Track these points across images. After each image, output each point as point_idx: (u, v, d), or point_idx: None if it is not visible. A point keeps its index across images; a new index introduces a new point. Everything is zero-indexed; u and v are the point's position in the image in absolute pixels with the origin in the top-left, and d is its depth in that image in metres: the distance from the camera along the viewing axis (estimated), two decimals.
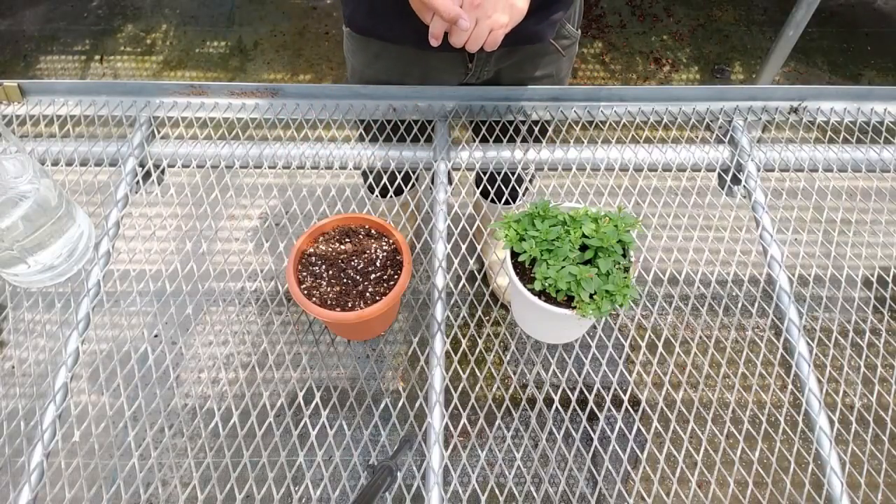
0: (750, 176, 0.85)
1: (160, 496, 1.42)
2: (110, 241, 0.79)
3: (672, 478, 0.69)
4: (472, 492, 0.68)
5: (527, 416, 1.53)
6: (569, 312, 0.62)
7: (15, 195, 0.64)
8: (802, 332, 0.74)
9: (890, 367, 0.80)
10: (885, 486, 0.69)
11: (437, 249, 0.78)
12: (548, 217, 0.65)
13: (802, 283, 0.81)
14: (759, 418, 0.72)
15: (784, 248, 0.79)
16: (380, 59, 0.95)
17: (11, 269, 0.70)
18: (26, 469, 0.65)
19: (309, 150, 0.87)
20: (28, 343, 0.77)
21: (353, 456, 0.76)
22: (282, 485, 0.69)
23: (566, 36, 0.97)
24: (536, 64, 0.99)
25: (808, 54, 2.32)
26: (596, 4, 2.50)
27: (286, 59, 2.33)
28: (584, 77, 2.29)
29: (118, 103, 0.91)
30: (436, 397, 0.69)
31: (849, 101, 0.92)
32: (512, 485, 1.46)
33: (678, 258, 0.82)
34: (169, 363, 0.73)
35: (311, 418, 0.70)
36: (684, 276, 0.81)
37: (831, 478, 0.66)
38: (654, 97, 0.91)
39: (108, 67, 2.32)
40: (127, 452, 0.70)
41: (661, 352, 0.79)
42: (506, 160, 0.87)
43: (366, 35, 0.95)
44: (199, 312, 1.65)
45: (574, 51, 1.03)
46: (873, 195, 0.88)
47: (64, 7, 2.50)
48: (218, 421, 0.73)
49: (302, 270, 0.70)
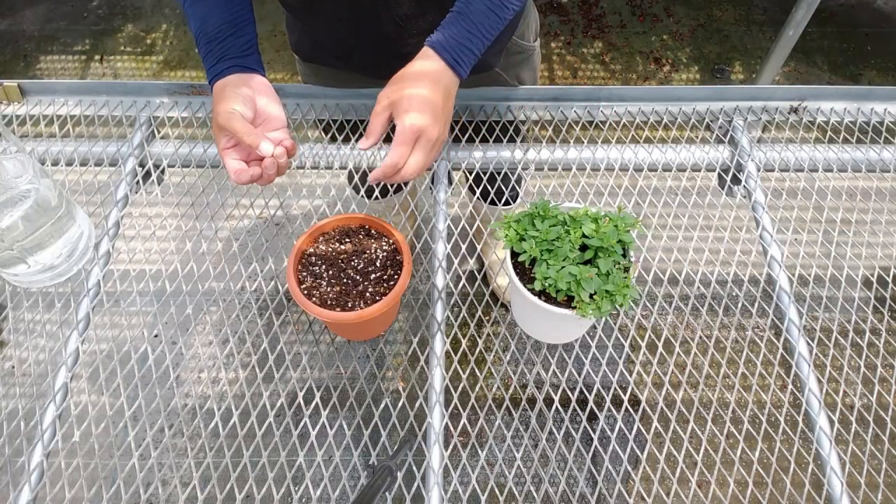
0: (750, 176, 0.85)
1: (160, 496, 1.42)
2: (110, 241, 0.79)
3: (672, 478, 0.69)
4: (472, 492, 0.68)
5: (527, 416, 1.53)
6: (569, 312, 0.62)
7: (15, 195, 0.64)
8: (802, 332, 0.74)
9: (890, 367, 0.80)
10: (885, 486, 0.69)
11: (437, 249, 0.78)
12: (548, 217, 0.65)
13: (802, 283, 0.81)
14: (759, 418, 0.72)
15: (784, 248, 0.79)
16: (329, 83, 0.93)
17: (11, 269, 0.70)
18: (26, 469, 0.65)
19: (309, 150, 0.87)
20: (28, 343, 0.77)
21: (353, 456, 0.76)
22: (282, 485, 0.69)
23: (520, 51, 0.96)
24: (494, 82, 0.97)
25: (808, 54, 2.32)
26: (596, 4, 2.50)
27: (286, 58, 2.33)
28: (584, 77, 2.29)
29: (118, 103, 0.91)
30: (436, 397, 0.69)
31: (849, 101, 0.92)
32: (512, 485, 1.46)
33: (678, 258, 0.82)
34: (169, 363, 0.73)
35: (311, 418, 0.70)
36: (684, 276, 0.81)
37: (831, 478, 0.66)
38: (654, 97, 0.91)
39: (108, 67, 2.32)
40: (127, 452, 0.70)
41: (661, 352, 0.79)
42: (506, 160, 0.87)
43: (313, 63, 0.96)
44: (199, 312, 1.66)
45: (533, 62, 1.01)
46: (873, 195, 0.88)
47: (64, 7, 2.50)
48: (218, 421, 0.73)
49: (302, 270, 0.70)
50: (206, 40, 0.69)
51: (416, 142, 0.65)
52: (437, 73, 0.67)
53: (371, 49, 0.84)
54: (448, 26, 0.68)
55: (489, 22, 0.68)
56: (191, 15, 0.70)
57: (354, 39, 0.82)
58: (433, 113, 0.65)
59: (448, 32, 0.68)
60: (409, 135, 0.64)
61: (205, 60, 0.70)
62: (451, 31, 0.68)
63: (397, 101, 0.65)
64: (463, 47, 0.67)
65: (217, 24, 0.68)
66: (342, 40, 0.84)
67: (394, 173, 0.65)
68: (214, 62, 0.69)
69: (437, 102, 0.66)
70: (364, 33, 0.81)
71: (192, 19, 0.70)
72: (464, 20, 0.67)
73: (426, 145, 0.66)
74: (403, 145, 0.64)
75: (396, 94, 0.66)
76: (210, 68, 0.69)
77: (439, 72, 0.67)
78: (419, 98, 0.65)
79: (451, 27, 0.68)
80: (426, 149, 0.66)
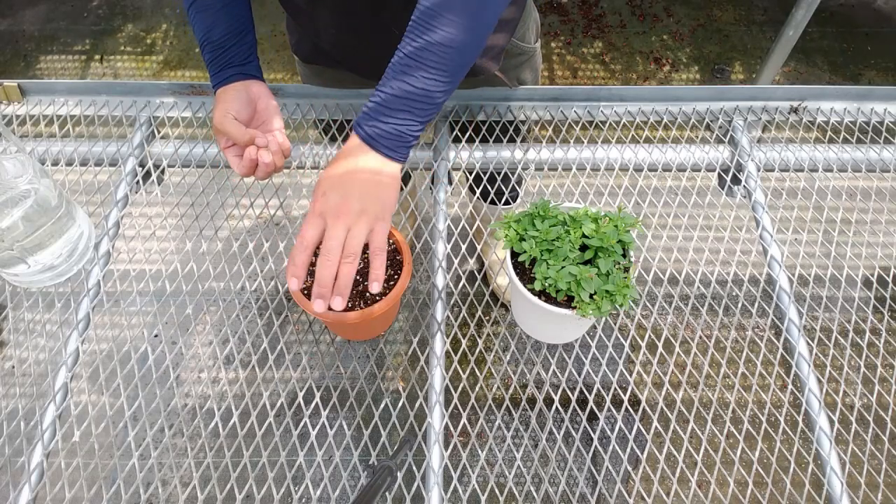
0: (750, 176, 0.85)
1: (160, 496, 1.42)
2: (110, 241, 0.79)
3: (672, 478, 0.69)
4: (472, 492, 0.68)
5: (527, 416, 1.53)
6: (569, 312, 0.62)
7: (15, 195, 0.64)
8: (802, 332, 0.74)
9: (890, 367, 0.80)
10: (885, 486, 0.69)
11: (437, 249, 0.78)
12: (548, 217, 0.65)
13: (802, 283, 0.81)
14: (759, 418, 0.72)
15: (784, 248, 0.79)
16: (329, 84, 0.93)
17: (11, 269, 0.70)
18: (26, 469, 0.65)
19: (309, 150, 0.87)
20: (28, 343, 0.77)
21: (353, 456, 0.76)
22: (282, 485, 0.69)
23: (520, 53, 0.95)
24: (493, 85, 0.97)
25: (808, 54, 2.32)
26: (596, 4, 2.50)
27: (286, 58, 2.33)
28: (584, 77, 2.29)
29: (118, 103, 0.91)
30: (436, 397, 0.69)
31: (849, 101, 0.92)
32: (512, 485, 1.46)
33: (678, 258, 0.82)
34: (169, 363, 0.73)
35: (311, 418, 0.70)
36: (684, 276, 0.81)
37: (831, 478, 0.66)
38: (654, 97, 0.91)
39: (108, 67, 2.32)
40: (127, 452, 0.70)
41: (661, 352, 0.79)
42: (506, 160, 0.87)
43: (312, 63, 0.97)
44: (199, 312, 1.66)
45: (534, 63, 1.01)
46: (873, 195, 0.88)
47: (64, 7, 2.50)
48: (218, 421, 0.73)
49: None
50: (211, 49, 0.73)
51: (323, 216, 0.61)
52: (355, 150, 0.63)
53: (371, 53, 0.84)
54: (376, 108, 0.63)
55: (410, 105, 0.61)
56: (196, 23, 0.74)
57: (354, 43, 0.83)
58: (345, 190, 0.61)
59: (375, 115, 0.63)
60: (313, 213, 0.61)
61: (209, 67, 0.75)
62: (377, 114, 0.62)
63: (316, 187, 0.63)
64: (382, 132, 0.62)
65: (221, 33, 0.73)
66: (342, 44, 0.84)
67: (301, 249, 0.61)
68: (218, 70, 0.74)
69: (354, 180, 0.62)
70: (364, 38, 0.81)
71: (198, 27, 0.74)
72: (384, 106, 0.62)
73: (335, 217, 0.61)
74: (306, 223, 0.61)
75: (319, 178, 0.64)
76: (214, 75, 0.74)
77: (357, 149, 0.63)
78: (329, 181, 0.62)
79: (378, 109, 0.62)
80: (336, 220, 0.61)
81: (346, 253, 0.60)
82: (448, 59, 0.60)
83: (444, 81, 0.61)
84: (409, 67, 0.60)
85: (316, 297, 0.60)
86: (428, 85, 0.61)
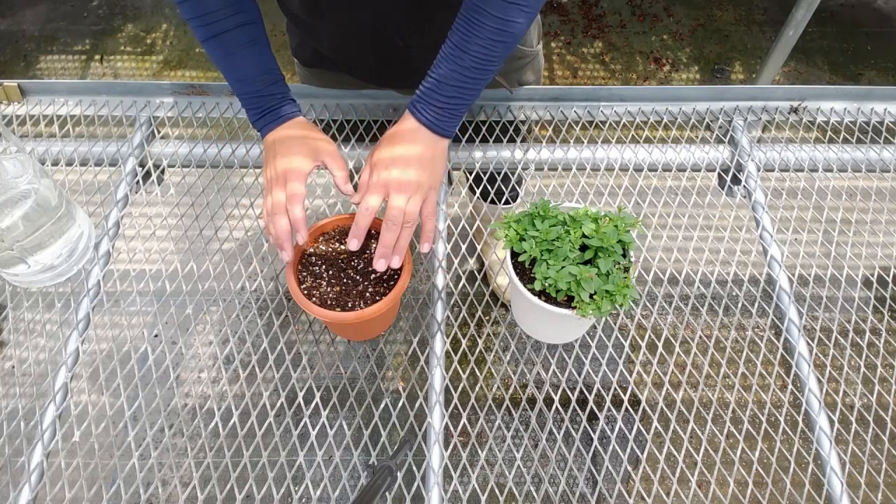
0: (750, 176, 0.85)
1: (160, 496, 1.42)
2: (110, 241, 0.79)
3: (672, 478, 0.69)
4: (472, 492, 0.68)
5: (527, 416, 1.53)
6: (569, 312, 0.62)
7: (15, 195, 0.64)
8: (802, 332, 0.74)
9: (890, 367, 0.80)
10: (885, 486, 0.69)
11: (437, 249, 0.78)
12: (548, 217, 0.65)
13: (802, 283, 0.81)
14: (759, 418, 0.72)
15: (784, 248, 0.79)
16: (328, 86, 0.94)
17: (11, 269, 0.70)
18: (26, 469, 0.65)
19: None
20: (28, 343, 0.77)
21: (353, 456, 0.76)
22: (282, 485, 0.69)
23: (522, 56, 0.95)
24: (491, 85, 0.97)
25: (808, 54, 2.32)
26: (596, 4, 2.50)
27: (286, 59, 2.32)
28: (584, 77, 2.29)
29: (118, 103, 0.91)
30: (436, 397, 0.69)
31: (849, 101, 0.92)
32: (512, 485, 1.46)
33: (678, 258, 0.82)
34: (169, 363, 0.73)
35: (311, 418, 0.70)
36: (684, 276, 0.81)
37: (831, 478, 0.66)
38: (654, 97, 0.91)
39: (108, 67, 2.32)
40: (127, 452, 0.70)
41: (661, 352, 0.79)
42: (506, 160, 0.87)
43: (313, 67, 0.97)
44: (199, 312, 1.66)
45: (536, 64, 1.01)
46: (873, 195, 0.88)
47: (64, 7, 2.50)
48: (218, 421, 0.73)
49: (302, 270, 0.70)
50: (249, 96, 0.73)
51: (386, 187, 0.68)
52: (412, 132, 0.70)
53: (373, 60, 0.84)
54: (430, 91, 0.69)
55: (470, 84, 0.68)
56: (225, 68, 0.73)
57: (355, 49, 0.83)
58: (404, 165, 0.68)
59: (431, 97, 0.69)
60: (377, 185, 0.68)
61: (249, 113, 0.74)
62: (434, 97, 0.69)
63: (375, 163, 0.69)
64: (435, 114, 0.69)
65: (254, 76, 0.72)
66: (343, 49, 0.84)
67: (367, 214, 0.67)
68: (259, 116, 0.73)
69: (412, 157, 0.69)
70: (365, 44, 0.81)
71: (229, 74, 0.73)
72: (442, 88, 0.68)
73: (397, 189, 0.67)
74: (370, 192, 0.68)
75: (375, 155, 0.70)
76: (256, 121, 0.74)
77: (415, 130, 0.70)
78: (389, 157, 0.69)
79: (433, 93, 0.69)
80: (398, 191, 0.67)
81: (406, 219, 0.67)
82: (494, 43, 0.66)
83: (492, 65, 0.67)
84: (460, 51, 0.66)
85: (379, 256, 0.66)
86: (477, 68, 0.67)
